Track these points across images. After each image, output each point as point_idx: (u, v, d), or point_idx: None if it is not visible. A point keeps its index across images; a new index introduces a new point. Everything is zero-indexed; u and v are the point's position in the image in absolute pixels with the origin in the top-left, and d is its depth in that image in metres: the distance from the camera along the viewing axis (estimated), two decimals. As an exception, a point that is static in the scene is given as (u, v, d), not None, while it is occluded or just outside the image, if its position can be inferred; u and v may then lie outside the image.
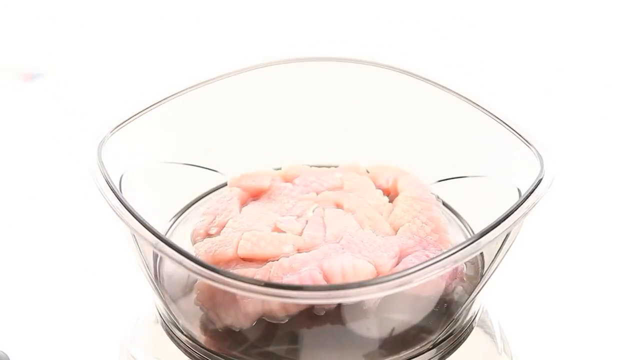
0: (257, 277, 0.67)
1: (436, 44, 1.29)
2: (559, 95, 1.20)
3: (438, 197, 0.76)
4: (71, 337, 0.86)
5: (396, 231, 0.72)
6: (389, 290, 0.62)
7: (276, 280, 0.67)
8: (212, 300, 0.68)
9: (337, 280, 0.67)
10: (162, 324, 0.72)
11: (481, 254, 0.70)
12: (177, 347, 0.71)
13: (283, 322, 0.67)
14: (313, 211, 0.74)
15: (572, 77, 1.23)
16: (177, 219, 0.79)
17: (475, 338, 0.72)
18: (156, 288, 0.70)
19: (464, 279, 0.71)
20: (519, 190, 0.70)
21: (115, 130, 0.73)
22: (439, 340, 0.70)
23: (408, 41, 1.30)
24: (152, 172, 0.63)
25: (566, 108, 1.18)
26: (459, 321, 0.70)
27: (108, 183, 0.68)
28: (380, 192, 0.76)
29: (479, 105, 0.76)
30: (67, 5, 1.34)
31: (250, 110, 0.81)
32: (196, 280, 0.69)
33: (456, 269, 0.69)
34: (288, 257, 0.69)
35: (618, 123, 1.15)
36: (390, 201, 0.76)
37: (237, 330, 0.68)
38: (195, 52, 1.27)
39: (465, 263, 0.70)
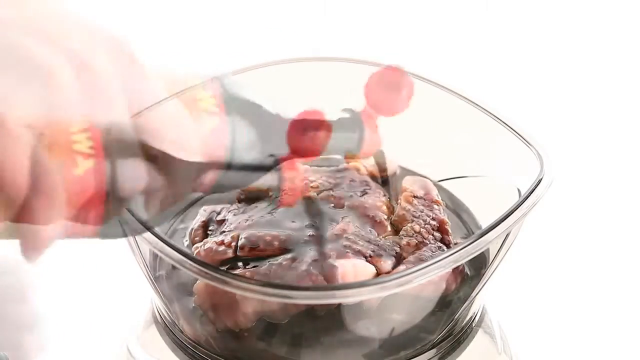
0: (257, 277, 0.67)
1: (437, 45, 1.29)
2: (559, 97, 1.20)
3: (438, 197, 0.76)
4: (71, 337, 0.86)
5: (397, 231, 0.72)
6: (389, 290, 0.62)
7: (276, 280, 0.67)
8: (211, 301, 0.68)
9: (337, 280, 0.66)
10: (162, 324, 0.72)
11: (482, 253, 0.70)
12: (177, 347, 0.71)
13: (283, 322, 0.67)
14: (313, 211, 0.74)
15: (572, 79, 1.23)
16: (177, 219, 0.78)
17: (475, 338, 0.72)
18: (156, 288, 0.70)
19: (464, 278, 0.71)
20: (519, 190, 0.70)
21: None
22: (439, 340, 0.69)
23: (408, 41, 1.30)
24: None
25: (566, 109, 1.18)
26: (459, 321, 0.70)
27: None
28: (381, 192, 0.76)
29: (479, 106, 0.76)
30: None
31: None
32: (196, 281, 0.68)
33: (457, 268, 0.69)
34: (288, 257, 0.69)
35: (618, 124, 1.15)
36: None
37: (237, 330, 0.67)
38: (195, 52, 1.27)
39: (465, 263, 0.70)
